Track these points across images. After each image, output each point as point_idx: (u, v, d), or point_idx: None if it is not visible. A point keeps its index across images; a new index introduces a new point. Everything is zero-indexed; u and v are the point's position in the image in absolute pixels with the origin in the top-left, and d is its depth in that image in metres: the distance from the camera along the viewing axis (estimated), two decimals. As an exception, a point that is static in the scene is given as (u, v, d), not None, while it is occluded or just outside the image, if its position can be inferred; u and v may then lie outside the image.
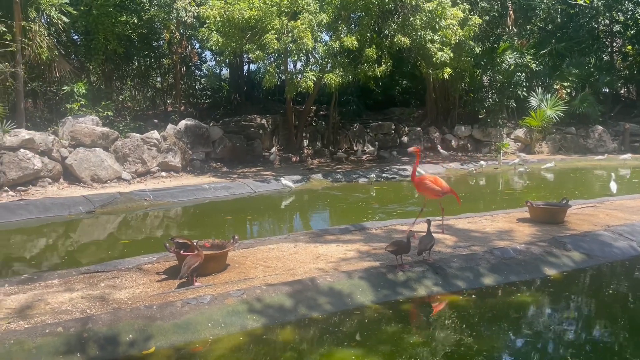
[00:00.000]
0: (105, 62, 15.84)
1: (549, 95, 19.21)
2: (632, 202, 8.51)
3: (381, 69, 13.87)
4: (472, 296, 4.63)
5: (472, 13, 15.44)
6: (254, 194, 11.17)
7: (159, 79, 20.80)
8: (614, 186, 9.88)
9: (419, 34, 13.31)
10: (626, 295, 4.88)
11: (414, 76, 21.18)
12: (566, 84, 19.78)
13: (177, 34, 16.25)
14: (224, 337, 3.70)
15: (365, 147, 18.32)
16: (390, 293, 4.52)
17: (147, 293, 4.25)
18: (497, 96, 19.28)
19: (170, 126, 13.76)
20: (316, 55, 14.51)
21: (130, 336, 3.55)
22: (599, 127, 19.41)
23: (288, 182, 11.44)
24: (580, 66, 20.00)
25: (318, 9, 12.72)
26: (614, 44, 23.26)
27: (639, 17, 19.77)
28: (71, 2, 12.88)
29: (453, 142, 19.61)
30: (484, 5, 17.75)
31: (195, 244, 4.62)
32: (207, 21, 12.82)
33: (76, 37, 16.56)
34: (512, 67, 18.50)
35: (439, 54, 13.55)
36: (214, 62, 21.98)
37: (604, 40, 22.79)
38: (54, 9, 11.44)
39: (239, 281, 4.51)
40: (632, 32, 20.39)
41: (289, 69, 15.90)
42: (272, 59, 15.00)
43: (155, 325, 3.66)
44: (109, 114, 13.94)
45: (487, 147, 19.60)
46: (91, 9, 13.99)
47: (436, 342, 3.80)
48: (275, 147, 16.59)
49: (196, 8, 14.26)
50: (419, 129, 19.51)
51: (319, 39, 13.40)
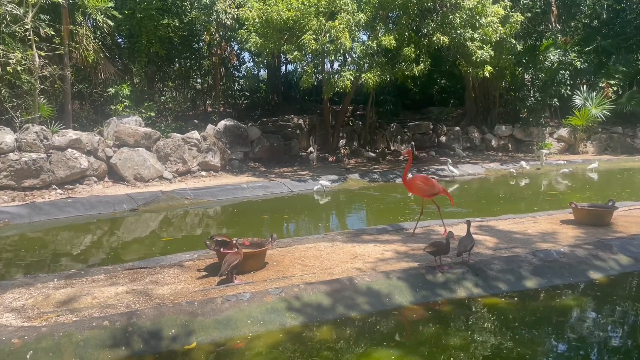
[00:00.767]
0: (148, 64, 16.27)
1: (594, 93, 18.61)
2: (684, 204, 8.15)
3: (419, 68, 13.74)
4: (514, 299, 4.54)
5: (513, 10, 15.11)
6: (291, 193, 11.26)
7: (199, 80, 21.22)
8: None
9: (458, 32, 13.12)
10: (678, 301, 4.68)
11: (452, 75, 20.89)
12: (612, 81, 19.10)
13: (217, 35, 16.54)
14: (263, 334, 3.75)
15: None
16: (429, 294, 4.48)
17: (189, 289, 4.34)
18: (540, 95, 18.80)
19: (209, 126, 14.01)
20: (353, 55, 14.49)
21: (173, 331, 3.64)
22: (648, 126, 18.69)
23: (325, 181, 11.47)
24: (628, 63, 19.28)
25: (356, 8, 12.71)
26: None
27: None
28: (116, 6, 13.30)
29: (493, 142, 19.23)
30: (526, 1, 17.35)
31: (234, 242, 4.69)
32: (246, 23, 13.00)
33: (120, 40, 17.08)
34: (556, 64, 18.00)
35: (479, 52, 13.32)
36: (252, 63, 22.29)
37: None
38: (99, 13, 11.83)
39: (277, 279, 4.56)
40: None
41: (326, 69, 15.95)
42: (309, 59, 15.08)
43: (197, 321, 3.74)
44: (152, 114, 14.32)
45: (529, 147, 19.13)
46: (135, 12, 14.41)
47: (476, 345, 3.74)
48: (312, 147, 16.66)
49: (236, 10, 14.48)
50: (457, 128, 19.24)
51: (356, 38, 13.38)
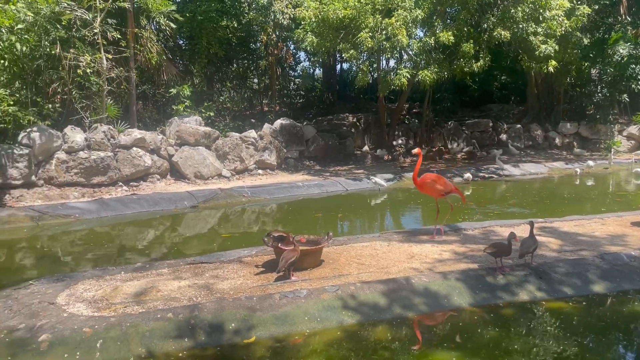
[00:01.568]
0: (208, 65, 16.73)
1: (667, 88, 17.49)
2: None
3: (478, 64, 13.38)
4: (580, 304, 4.34)
5: (579, 2, 14.43)
6: (346, 192, 11.26)
7: (255, 80, 21.61)
8: None
9: (520, 26, 12.68)
10: None
11: (513, 71, 20.21)
12: (688, 75, 17.87)
13: (274, 36, 16.78)
14: (320, 331, 3.78)
15: (460, 145, 17.79)
16: (489, 296, 4.36)
17: (247, 285, 4.43)
18: (608, 90, 17.87)
19: (266, 125, 14.24)
20: (410, 52, 14.31)
21: (233, 325, 3.73)
22: None
23: (380, 180, 11.40)
24: None
25: (413, 5, 12.54)
26: None
27: None
28: (178, 9, 13.76)
29: (557, 140, 18.47)
30: (593, -7, 16.53)
31: (292, 238, 4.75)
32: (302, 22, 13.10)
33: (181, 42, 17.65)
34: (625, 59, 17.05)
35: (543, 46, 12.81)
36: (308, 63, 22.45)
37: None
38: (162, 16, 12.26)
39: (333, 277, 4.58)
40: None
41: (381, 67, 15.83)
42: (364, 57, 15.03)
43: (256, 316, 3.82)
44: (211, 114, 14.71)
45: (596, 145, 18.23)
46: (195, 14, 14.85)
47: (539, 350, 3.61)
48: (366, 146, 16.61)
49: (292, 10, 14.63)
50: (519, 126, 18.61)
51: (413, 35, 13.21)
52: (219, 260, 5.27)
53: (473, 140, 17.45)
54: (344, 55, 13.49)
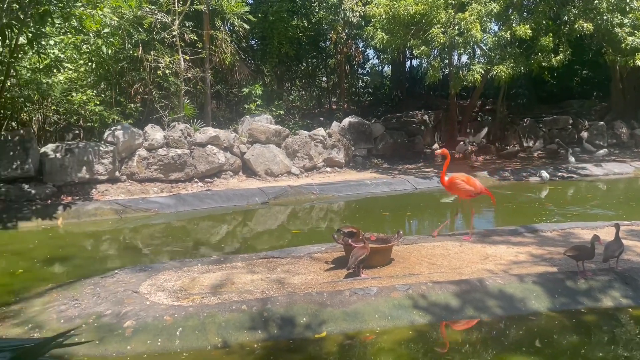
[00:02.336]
0: (278, 64, 17.04)
1: None
2: None
3: (558, 58, 12.73)
4: (672, 314, 4.05)
5: (673, -11, 13.36)
6: (415, 190, 11.10)
7: (324, 78, 21.77)
8: None
9: (604, 18, 11.94)
10: None
11: (596, 65, 19.05)
12: None
13: (343, 34, 16.81)
14: (390, 329, 3.76)
15: (536, 144, 17.02)
16: (569, 301, 4.16)
17: (318, 280, 4.49)
18: None
19: (334, 123, 14.31)
20: (484, 47, 13.86)
21: (304, 319, 3.79)
22: None
23: (451, 179, 11.13)
24: None
25: (488, -2, 12.16)
26: None
27: None
28: (250, 10, 14.11)
29: (644, 138, 17.24)
30: (689, -22, 15.24)
31: (362, 235, 4.76)
32: (372, 19, 13.04)
33: (253, 42, 18.09)
34: None
35: (630, 39, 11.99)
36: (377, 60, 22.32)
37: None
38: (236, 17, 12.62)
39: (403, 276, 4.54)
40: None
41: (453, 63, 15.46)
42: (435, 53, 14.73)
43: (327, 312, 3.86)
44: (281, 112, 14.98)
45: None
46: (267, 15, 15.17)
47: (626, 360, 3.40)
48: (436, 144, 16.28)
49: (362, 7, 14.60)
50: (601, 123, 17.54)
51: (487, 29, 12.78)
52: (290, 255, 5.37)
53: (557, 140, 16.60)
54: (414, 51, 13.30)
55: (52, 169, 9.27)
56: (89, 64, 10.54)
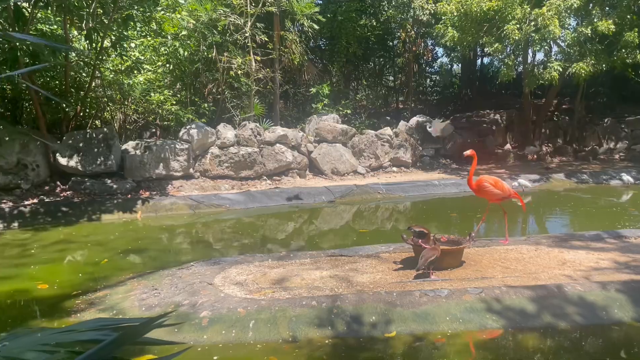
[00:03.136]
0: (346, 64, 17.08)
1: None
2: None
3: (644, 54, 11.95)
4: None
5: None
6: (486, 192, 10.77)
7: (390, 77, 21.59)
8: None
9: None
10: None
11: (687, 61, 17.66)
12: None
13: (413, 32, 16.60)
14: (462, 332, 3.68)
15: (618, 145, 16.03)
16: (657, 313, 3.89)
17: (386, 280, 4.47)
18: None
19: (402, 123, 14.16)
20: (562, 44, 13.22)
21: (373, 318, 3.79)
22: None
23: (524, 181, 10.72)
24: None
25: (567, -8, 11.60)
26: None
27: None
28: (319, 10, 14.24)
29: None
30: None
31: (432, 237, 4.69)
32: (443, 17, 12.80)
33: (321, 42, 18.25)
34: None
35: None
36: (446, 59, 21.87)
37: None
38: (305, 18, 12.78)
39: (475, 279, 4.43)
40: None
41: (528, 61, 14.86)
42: (509, 50, 14.22)
43: (396, 312, 3.84)
44: (348, 112, 15.01)
45: None
46: (336, 15, 15.25)
47: None
48: (509, 144, 15.71)
49: (433, 5, 14.35)
50: (692, 123, 16.26)
51: (566, 25, 12.19)
52: (357, 254, 5.38)
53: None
54: (487, 49, 12.92)
55: (132, 165, 9.81)
56: (167, 65, 11.03)
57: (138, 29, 10.43)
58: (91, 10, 8.56)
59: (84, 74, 10.21)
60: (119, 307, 4.19)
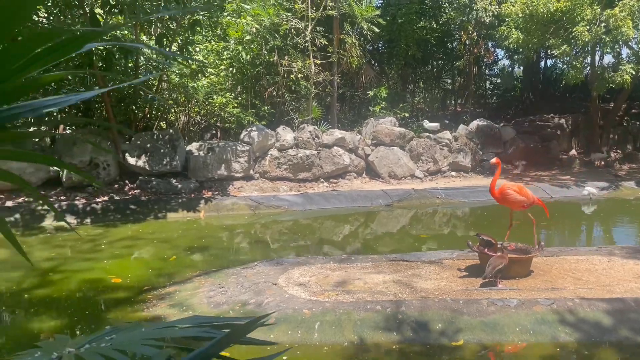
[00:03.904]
0: (404, 66, 16.94)
1: None
2: None
3: None
4: None
5: None
6: (550, 199, 10.38)
7: (448, 80, 21.21)
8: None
9: None
10: None
11: None
12: None
13: (474, 34, 16.26)
14: (532, 344, 3.58)
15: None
16: None
17: (451, 287, 4.40)
18: None
19: (461, 126, 13.89)
20: (634, 46, 12.58)
21: (440, 325, 3.74)
22: None
23: (592, 188, 10.27)
24: None
25: (642, -8, 11.03)
26: None
27: None
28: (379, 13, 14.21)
29: None
30: None
31: (500, 244, 4.58)
32: (507, 19, 12.46)
33: (379, 45, 18.17)
34: None
35: None
36: (507, 61, 21.27)
37: None
38: (365, 21, 12.78)
39: (545, 290, 4.29)
40: None
41: (596, 63, 14.22)
42: (576, 52, 13.66)
43: (463, 320, 3.77)
44: (405, 115, 14.88)
45: None
46: (395, 18, 15.16)
47: None
48: (574, 150, 15.08)
49: (497, 6, 14.00)
50: None
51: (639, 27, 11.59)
52: (419, 259, 5.33)
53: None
54: (554, 51, 12.46)
55: (195, 165, 10.13)
56: (230, 69, 11.32)
57: (203, 33, 10.77)
58: (160, 16, 8.92)
59: (152, 78, 10.65)
60: (188, 303, 4.34)
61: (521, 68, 22.21)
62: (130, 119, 10.30)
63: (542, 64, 21.27)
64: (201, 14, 9.28)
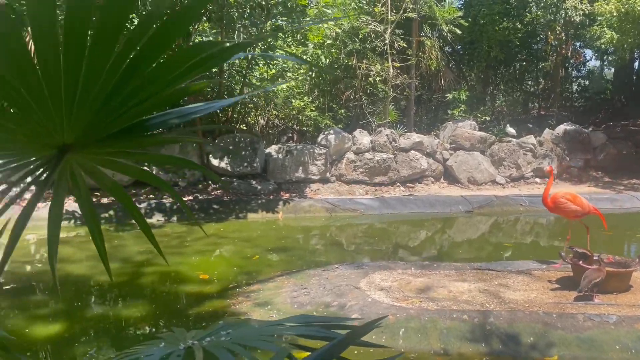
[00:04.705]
0: (485, 68, 16.44)
1: None
2: None
3: None
4: None
5: None
6: (647, 209, 9.69)
7: (530, 82, 20.32)
8: None
9: None
10: None
11: None
12: None
13: (562, 34, 15.48)
14: (635, 365, 3.35)
15: None
16: None
17: (542, 300, 4.21)
18: None
19: (547, 131, 13.25)
20: None
21: (531, 339, 3.59)
22: None
23: (696, 199, 9.45)
24: None
25: None
26: None
27: None
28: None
29: None
30: None
31: (597, 257, 4.32)
32: (599, 18, 11.77)
33: (458, 46, 17.74)
34: None
35: None
36: (596, 62, 20.07)
37: None
38: (446, 23, 12.55)
39: (648, 307, 3.99)
40: None
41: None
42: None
43: (556, 334, 3.60)
44: (486, 118, 14.43)
45: None
46: (477, 18, 14.75)
47: None
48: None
49: (588, 5, 13.25)
50: None
51: None
52: (506, 269, 5.14)
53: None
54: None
55: (274, 167, 10.37)
56: (310, 73, 11.50)
57: (283, 38, 11.02)
58: (245, 22, 9.23)
59: (234, 82, 11.04)
60: (273, 302, 4.44)
61: (612, 69, 20.89)
62: (215, 121, 10.73)
63: (636, 64, 19.88)
64: (283, 19, 9.50)
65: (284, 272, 5.46)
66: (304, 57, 11.69)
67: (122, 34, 0.85)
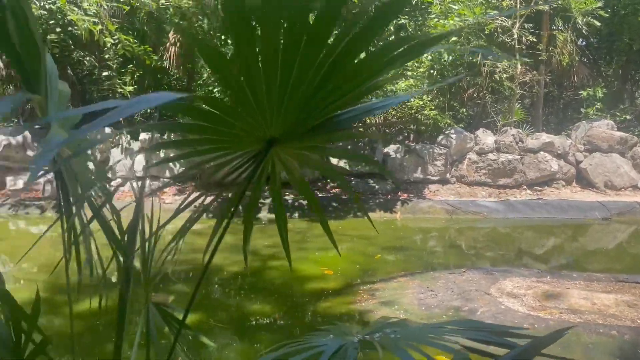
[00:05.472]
0: (626, 63, 14.95)
1: None
2: None
3: None
4: None
5: None
6: None
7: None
8: None
9: None
10: None
11: None
12: None
13: None
14: None
15: None
16: None
17: None
18: None
19: (702, 131, 11.73)
20: None
21: (697, 364, 3.19)
22: None
23: None
24: None
25: None
26: None
27: None
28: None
29: None
30: None
31: None
32: None
33: (594, 40, 16.30)
34: None
35: None
36: None
37: None
38: (582, 15, 11.58)
39: None
40: None
41: None
42: None
43: None
44: (626, 117, 13.13)
45: None
46: (616, 9, 13.45)
47: None
48: None
49: None
50: None
51: None
52: (658, 284, 4.62)
53: None
54: None
55: (392, 167, 10.31)
56: (431, 71, 11.25)
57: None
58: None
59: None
60: (399, 302, 4.41)
61: None
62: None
63: None
64: (405, 18, 9.39)
65: (406, 273, 5.40)
66: (425, 55, 11.45)
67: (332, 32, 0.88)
